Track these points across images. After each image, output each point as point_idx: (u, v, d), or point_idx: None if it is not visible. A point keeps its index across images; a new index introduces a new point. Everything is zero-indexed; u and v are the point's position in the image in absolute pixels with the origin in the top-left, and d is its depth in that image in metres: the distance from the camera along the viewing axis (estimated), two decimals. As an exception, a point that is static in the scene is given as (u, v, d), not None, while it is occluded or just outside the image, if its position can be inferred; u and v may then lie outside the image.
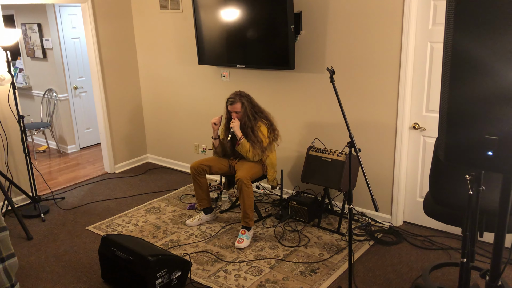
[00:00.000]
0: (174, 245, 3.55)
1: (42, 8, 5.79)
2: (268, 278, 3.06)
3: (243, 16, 3.97)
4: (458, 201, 2.31)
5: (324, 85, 3.86)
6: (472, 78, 1.58)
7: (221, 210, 4.13)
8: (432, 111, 3.42)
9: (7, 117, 4.23)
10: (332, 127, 3.91)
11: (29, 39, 6.16)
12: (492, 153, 1.58)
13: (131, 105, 5.37)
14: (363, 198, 3.88)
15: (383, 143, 3.66)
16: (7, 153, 4.26)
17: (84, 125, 6.39)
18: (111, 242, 2.98)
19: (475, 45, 1.54)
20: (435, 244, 3.45)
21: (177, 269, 2.90)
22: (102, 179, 5.11)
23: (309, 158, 3.77)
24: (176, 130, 5.22)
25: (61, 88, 6.05)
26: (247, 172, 3.53)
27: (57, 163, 5.80)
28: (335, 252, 3.37)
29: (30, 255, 3.48)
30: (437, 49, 3.29)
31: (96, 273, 3.22)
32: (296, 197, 3.87)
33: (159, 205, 4.32)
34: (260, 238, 3.62)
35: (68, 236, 3.78)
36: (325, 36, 3.74)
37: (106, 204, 4.42)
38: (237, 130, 3.58)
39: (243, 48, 4.09)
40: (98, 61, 4.92)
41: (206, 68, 4.67)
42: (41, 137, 6.62)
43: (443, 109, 1.69)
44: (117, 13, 5.03)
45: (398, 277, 3.05)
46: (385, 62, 3.48)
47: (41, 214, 4.12)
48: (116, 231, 3.82)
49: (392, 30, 3.39)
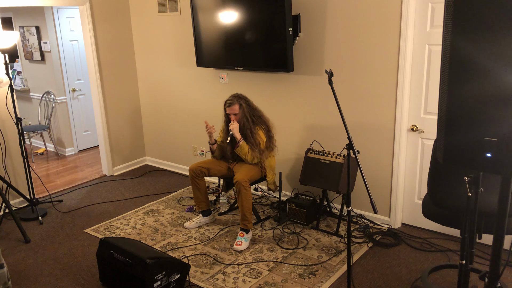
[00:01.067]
0: (172, 247, 3.54)
1: (40, 10, 5.78)
2: (266, 281, 3.06)
3: (242, 18, 3.97)
4: (456, 203, 2.31)
5: (323, 88, 3.86)
6: (471, 80, 1.58)
7: (220, 212, 4.13)
8: (430, 113, 3.43)
9: (5, 119, 4.22)
10: (331, 129, 3.91)
11: (27, 42, 6.16)
12: (491, 155, 1.58)
13: (130, 107, 5.37)
14: (362, 200, 3.89)
15: (382, 145, 3.67)
16: (5, 155, 4.25)
17: (82, 127, 6.38)
18: (109, 244, 2.97)
19: (473, 48, 1.55)
20: (434, 246, 3.45)
21: (176, 272, 2.89)
22: (100, 182, 5.10)
23: (307, 160, 3.78)
24: (175, 133, 5.22)
25: (59, 90, 6.04)
26: (246, 175, 3.53)
27: (55, 166, 5.78)
28: (334, 254, 3.36)
29: (28, 258, 3.47)
30: (435, 51, 3.30)
31: (94, 276, 3.21)
32: (294, 199, 3.87)
33: (157, 208, 4.31)
34: (258, 240, 3.61)
35: (66, 239, 3.77)
36: (323, 39, 3.75)
37: (104, 206, 4.41)
38: (236, 132, 3.58)
39: (241, 51, 4.10)
40: (96, 63, 4.92)
41: (204, 71, 4.67)
42: (39, 140, 6.61)
43: (442, 111, 1.69)
44: (115, 16, 5.03)
45: (396, 279, 3.05)
46: (383, 64, 3.49)
47: (39, 217, 4.11)
48: (114, 234, 3.81)
49: (390, 32, 3.40)
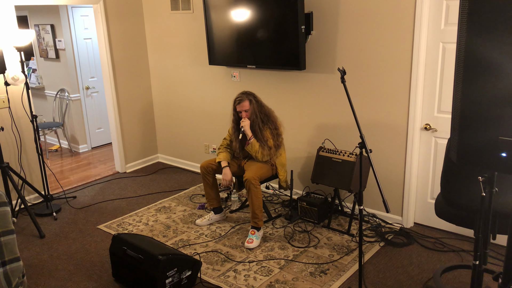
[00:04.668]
0: (184, 244, 3.57)
1: (55, 9, 5.86)
2: (277, 279, 3.06)
3: (254, 16, 3.97)
4: (470, 202, 2.28)
5: (335, 86, 3.85)
6: (486, 79, 1.56)
7: (231, 210, 4.14)
8: (444, 112, 3.39)
9: (21, 116, 4.29)
10: (343, 128, 3.90)
11: (42, 40, 6.24)
12: (506, 154, 1.56)
13: (142, 105, 5.41)
14: (374, 199, 3.86)
15: (394, 144, 3.64)
16: (21, 152, 4.32)
17: (95, 125, 6.45)
18: (122, 241, 3.00)
19: (489, 47, 1.53)
20: (447, 246, 3.42)
21: (187, 269, 2.91)
22: (113, 179, 5.16)
23: (319, 158, 3.77)
24: (187, 130, 5.25)
25: (73, 88, 6.12)
26: (256, 172, 3.53)
27: (68, 163, 5.86)
28: (345, 253, 3.35)
29: (43, 253, 3.53)
30: (449, 49, 3.26)
31: (107, 271, 3.25)
32: (306, 198, 3.86)
33: (169, 205, 4.35)
34: (269, 238, 3.62)
35: (79, 235, 3.82)
36: (335, 37, 3.73)
37: (117, 203, 4.46)
38: (247, 129, 3.59)
39: (253, 49, 4.10)
40: (109, 61, 4.97)
41: (216, 69, 4.69)
42: (53, 137, 6.70)
43: (456, 110, 1.68)
44: (128, 14, 5.07)
45: (408, 279, 3.03)
46: (397, 62, 3.46)
47: (53, 213, 4.17)
48: (127, 230, 3.85)
49: (404, 30, 3.37)
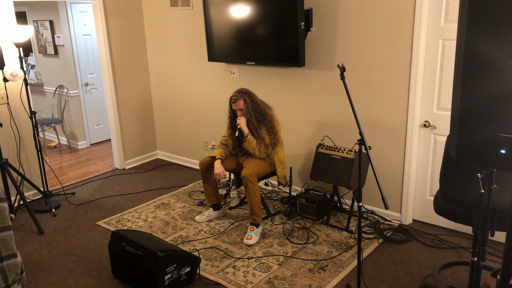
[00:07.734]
0: (183, 240, 3.57)
1: (53, 5, 5.84)
2: (276, 275, 3.07)
3: (253, 13, 3.96)
4: (469, 199, 2.29)
5: (334, 83, 3.85)
6: (485, 77, 1.56)
7: (230, 206, 4.15)
8: (443, 109, 3.39)
9: (19, 112, 4.28)
10: (342, 125, 3.90)
11: (41, 36, 6.22)
12: (505, 151, 1.57)
13: (141, 101, 5.40)
14: (373, 196, 3.87)
15: (393, 141, 3.64)
16: (19, 148, 4.31)
17: (94, 121, 6.44)
18: (121, 237, 3.00)
19: (489, 44, 1.53)
20: (445, 242, 3.43)
21: (186, 265, 2.92)
22: (112, 175, 5.16)
23: (318, 155, 3.77)
24: (186, 127, 5.24)
25: (72, 84, 6.10)
26: (253, 169, 3.53)
27: (67, 159, 5.86)
28: (344, 250, 3.36)
29: (42, 250, 3.53)
30: (449, 46, 3.26)
31: (106, 268, 3.25)
32: (305, 195, 3.87)
33: (168, 201, 4.35)
34: (268, 235, 3.63)
35: (78, 231, 3.82)
36: (335, 33, 3.72)
37: (116, 199, 4.46)
38: (244, 126, 3.59)
39: (252, 45, 4.09)
40: (108, 57, 4.96)
41: (215, 65, 4.68)
42: (52, 133, 6.69)
43: (456, 108, 1.68)
44: (127, 10, 5.05)
45: (407, 275, 3.04)
46: (396, 59, 3.46)
47: (52, 209, 4.17)
48: (126, 227, 3.85)
49: (403, 26, 3.36)
